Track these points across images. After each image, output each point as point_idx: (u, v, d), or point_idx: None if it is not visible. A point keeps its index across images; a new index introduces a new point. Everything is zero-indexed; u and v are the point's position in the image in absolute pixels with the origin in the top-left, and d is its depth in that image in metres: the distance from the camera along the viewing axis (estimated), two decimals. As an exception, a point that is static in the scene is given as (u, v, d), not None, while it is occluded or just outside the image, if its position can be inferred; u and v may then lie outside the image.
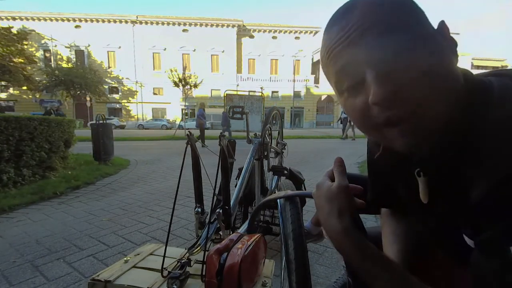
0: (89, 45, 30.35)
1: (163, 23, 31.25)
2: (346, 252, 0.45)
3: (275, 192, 1.56)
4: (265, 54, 33.60)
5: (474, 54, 39.42)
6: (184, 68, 17.10)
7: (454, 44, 0.37)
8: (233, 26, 32.09)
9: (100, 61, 30.64)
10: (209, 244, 0.80)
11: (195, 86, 16.96)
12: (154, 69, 31.44)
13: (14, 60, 19.72)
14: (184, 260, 0.71)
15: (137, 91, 31.43)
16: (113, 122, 21.96)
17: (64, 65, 27.62)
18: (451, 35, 0.37)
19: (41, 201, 2.84)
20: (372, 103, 0.34)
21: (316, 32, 34.09)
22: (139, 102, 31.53)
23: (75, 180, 3.56)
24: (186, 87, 16.50)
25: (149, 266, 0.75)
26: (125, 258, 0.79)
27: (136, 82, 31.18)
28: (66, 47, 29.65)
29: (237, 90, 20.94)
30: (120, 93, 31.28)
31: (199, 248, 0.81)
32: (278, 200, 0.76)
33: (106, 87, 29.90)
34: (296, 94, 32.98)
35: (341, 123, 11.98)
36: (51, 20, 29.41)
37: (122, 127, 26.72)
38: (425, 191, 0.44)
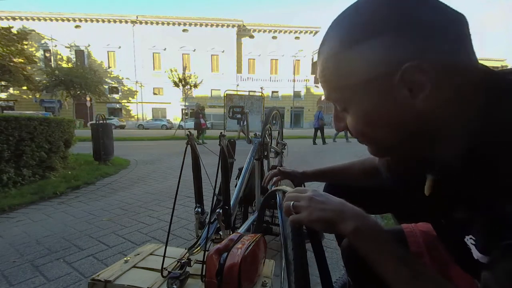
0: (89, 45, 30.37)
1: (163, 23, 31.26)
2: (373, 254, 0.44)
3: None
4: (265, 54, 33.62)
5: (474, 54, 39.31)
6: (184, 68, 17.10)
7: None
8: (233, 26, 32.09)
9: (100, 61, 30.65)
10: (209, 244, 0.80)
11: (195, 86, 16.98)
12: (154, 69, 31.45)
13: (14, 60, 19.71)
14: (184, 260, 0.71)
15: (137, 91, 31.44)
16: (113, 122, 21.97)
17: (64, 65, 27.65)
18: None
19: (41, 201, 2.84)
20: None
21: (316, 32, 34.10)
22: (139, 102, 31.54)
23: (75, 180, 3.56)
24: (186, 87, 16.51)
25: (149, 266, 0.75)
26: (125, 258, 0.79)
27: (136, 82, 31.19)
28: (66, 47, 29.67)
29: (237, 90, 20.82)
30: (120, 93, 31.29)
31: (199, 248, 0.81)
32: (277, 194, 0.75)
33: (106, 87, 29.91)
34: (296, 94, 33.00)
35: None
36: (51, 20, 29.42)
37: (122, 127, 26.71)
38: (430, 185, 0.46)
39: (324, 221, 0.47)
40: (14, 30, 19.36)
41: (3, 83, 22.30)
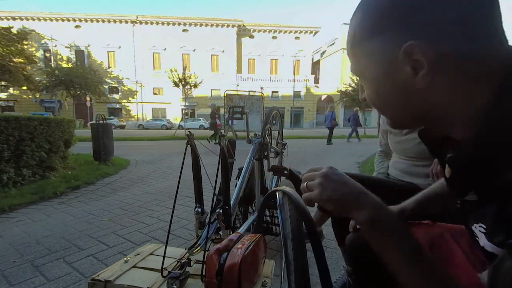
0: (89, 45, 30.35)
1: (163, 23, 31.25)
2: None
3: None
4: (265, 54, 33.61)
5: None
6: (184, 68, 17.06)
7: (419, 64, 0.36)
8: (233, 26, 32.08)
9: (100, 61, 30.64)
10: (209, 244, 0.80)
11: (195, 86, 16.94)
12: (154, 69, 31.44)
13: (14, 60, 19.68)
14: (184, 260, 0.71)
15: (137, 91, 31.43)
16: (113, 122, 21.96)
17: (64, 65, 27.62)
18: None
19: (41, 201, 2.84)
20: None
21: (316, 32, 34.10)
22: (139, 102, 31.53)
23: (75, 180, 3.56)
24: (186, 87, 16.48)
25: (149, 266, 0.75)
26: (125, 258, 0.79)
27: (136, 82, 31.19)
28: (66, 47, 29.65)
29: (237, 90, 20.87)
30: (120, 93, 31.28)
31: (199, 248, 0.81)
32: (277, 194, 0.75)
33: (106, 87, 29.90)
34: (296, 94, 32.99)
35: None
36: (51, 20, 29.41)
37: (122, 127, 26.71)
38: (448, 170, 0.47)
39: (337, 203, 0.44)
40: (14, 30, 19.33)
41: (3, 83, 22.28)
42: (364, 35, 0.41)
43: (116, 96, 31.27)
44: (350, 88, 23.89)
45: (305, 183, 0.49)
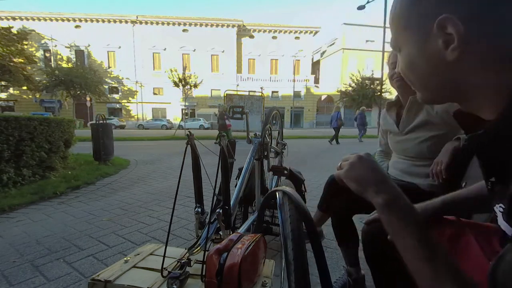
0: (89, 45, 30.34)
1: (163, 23, 31.24)
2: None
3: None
4: (265, 54, 33.61)
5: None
6: (184, 68, 17.05)
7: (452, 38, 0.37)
8: (233, 26, 32.08)
9: (100, 61, 30.63)
10: (209, 244, 0.80)
11: (195, 86, 16.93)
12: (154, 69, 31.43)
13: (14, 60, 19.68)
14: (184, 260, 0.71)
15: (137, 91, 31.42)
16: (113, 122, 21.97)
17: (64, 65, 27.61)
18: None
19: (41, 201, 2.84)
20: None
21: (316, 32, 34.10)
22: (139, 102, 31.52)
23: (75, 180, 3.56)
24: (186, 87, 16.48)
25: (149, 266, 0.75)
26: (125, 258, 0.79)
27: (136, 82, 31.18)
28: (66, 47, 29.64)
29: (237, 90, 20.90)
30: (120, 93, 31.28)
31: (199, 248, 0.81)
32: (277, 194, 0.75)
33: (106, 87, 29.89)
34: (296, 94, 32.99)
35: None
36: (51, 20, 29.40)
37: (122, 127, 26.70)
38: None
39: (359, 183, 0.49)
40: (14, 30, 19.33)
41: (3, 83, 22.27)
42: (404, 7, 0.42)
43: (116, 96, 31.27)
44: (350, 88, 23.91)
45: (340, 162, 0.55)
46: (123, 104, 31.47)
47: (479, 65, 0.37)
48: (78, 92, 25.16)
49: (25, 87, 22.85)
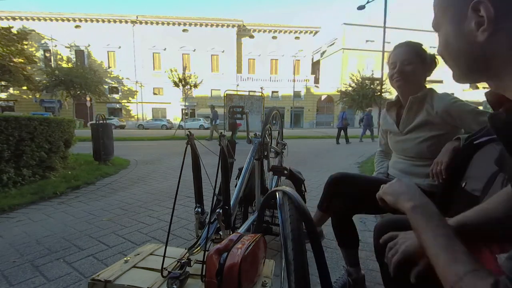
0: (89, 45, 30.33)
1: (163, 23, 31.24)
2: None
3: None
4: (265, 54, 33.60)
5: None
6: (184, 68, 17.05)
7: None
8: (233, 26, 32.07)
9: (100, 61, 30.62)
10: (209, 244, 0.80)
11: (195, 86, 16.93)
12: (154, 69, 31.43)
13: (14, 60, 19.67)
14: (184, 260, 0.71)
15: (137, 91, 31.42)
16: (113, 122, 21.95)
17: (64, 65, 27.59)
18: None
19: (41, 201, 2.84)
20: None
21: (316, 32, 34.09)
22: (139, 102, 31.52)
23: (75, 180, 3.56)
24: (186, 87, 16.48)
25: (149, 266, 0.75)
26: (125, 258, 0.79)
27: (136, 82, 31.17)
28: (66, 47, 29.63)
29: (237, 90, 20.79)
30: (120, 93, 31.27)
31: (199, 248, 0.80)
32: (277, 194, 0.75)
33: (106, 87, 29.89)
34: (296, 94, 32.98)
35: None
36: (51, 20, 29.39)
37: (122, 127, 26.70)
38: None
39: (393, 195, 0.61)
40: (14, 30, 19.32)
41: (3, 83, 22.27)
42: None
43: (116, 96, 31.26)
44: (350, 88, 23.86)
45: (383, 185, 0.68)
46: (123, 104, 31.46)
47: (507, 46, 0.40)
48: (78, 92, 25.15)
49: (25, 87, 22.85)
